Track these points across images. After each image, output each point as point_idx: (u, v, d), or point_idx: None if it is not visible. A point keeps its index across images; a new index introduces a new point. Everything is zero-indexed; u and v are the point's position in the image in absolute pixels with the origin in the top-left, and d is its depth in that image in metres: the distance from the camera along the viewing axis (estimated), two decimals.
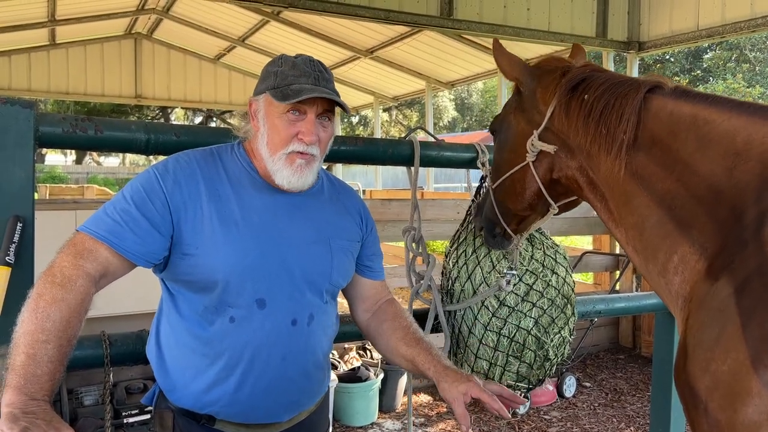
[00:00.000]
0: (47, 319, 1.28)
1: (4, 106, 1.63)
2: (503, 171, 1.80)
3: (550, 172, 1.69)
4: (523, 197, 1.77)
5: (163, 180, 1.49)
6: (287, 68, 1.53)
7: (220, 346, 1.50)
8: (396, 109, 27.70)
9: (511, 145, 1.77)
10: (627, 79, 1.55)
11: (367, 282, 1.80)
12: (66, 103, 22.68)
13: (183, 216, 1.48)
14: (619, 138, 1.46)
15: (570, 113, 1.57)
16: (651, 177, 1.43)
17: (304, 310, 1.57)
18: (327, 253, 1.61)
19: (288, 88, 1.49)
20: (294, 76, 1.51)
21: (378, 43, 10.72)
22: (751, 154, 1.27)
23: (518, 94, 1.79)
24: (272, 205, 1.57)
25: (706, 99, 1.40)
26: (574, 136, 1.57)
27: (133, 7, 11.94)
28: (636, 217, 1.48)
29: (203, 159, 1.57)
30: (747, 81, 20.27)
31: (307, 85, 1.50)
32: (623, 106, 1.46)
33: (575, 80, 1.59)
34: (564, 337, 2.07)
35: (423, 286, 2.06)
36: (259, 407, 1.55)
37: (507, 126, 1.80)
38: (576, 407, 5.10)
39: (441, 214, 5.42)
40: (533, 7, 7.57)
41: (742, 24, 6.71)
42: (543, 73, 1.71)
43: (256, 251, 1.51)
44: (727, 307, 1.20)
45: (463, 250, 2.07)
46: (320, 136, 1.55)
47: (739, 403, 1.14)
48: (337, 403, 4.56)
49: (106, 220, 1.43)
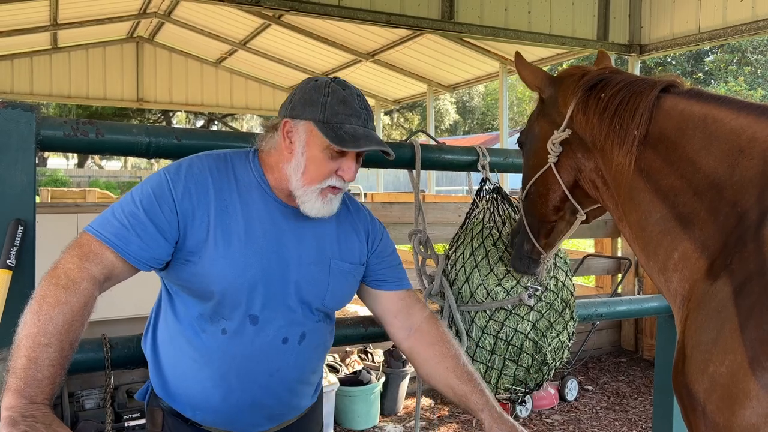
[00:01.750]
0: (50, 322, 1.27)
1: (5, 110, 1.63)
2: (529, 178, 1.81)
3: (572, 174, 1.70)
4: (548, 201, 1.77)
5: (174, 186, 1.47)
6: (335, 102, 1.48)
7: (210, 356, 1.50)
8: (397, 112, 27.71)
9: (535, 150, 1.79)
10: (643, 78, 1.57)
11: (389, 295, 1.73)
12: (68, 106, 22.72)
13: (190, 224, 1.47)
14: (631, 133, 1.47)
15: (587, 111, 1.59)
16: (656, 173, 1.44)
17: (296, 329, 1.56)
18: (325, 275, 1.59)
19: (341, 129, 1.45)
20: (345, 115, 1.47)
21: (379, 47, 10.73)
22: (754, 151, 1.27)
23: (541, 102, 1.82)
24: (279, 219, 1.55)
25: (717, 100, 1.41)
26: (590, 133, 1.59)
27: (135, 10, 11.96)
28: (640, 213, 1.48)
29: (216, 167, 1.54)
30: (749, 84, 20.26)
31: (359, 127, 1.47)
32: (637, 102, 1.48)
33: (593, 80, 1.62)
34: (563, 342, 2.06)
35: (435, 287, 2.04)
36: (244, 418, 1.56)
37: (531, 135, 1.83)
38: (578, 410, 5.09)
39: (442, 217, 5.42)
40: (534, 10, 7.58)
41: (743, 27, 6.71)
42: (563, 78, 1.75)
43: (255, 268, 1.50)
44: (725, 307, 1.20)
45: (461, 252, 2.06)
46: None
47: (737, 406, 1.13)
48: (339, 406, 4.56)
49: (114, 222, 1.42)
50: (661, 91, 1.48)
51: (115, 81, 14.10)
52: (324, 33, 10.79)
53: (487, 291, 1.97)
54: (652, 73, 21.67)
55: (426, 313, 1.75)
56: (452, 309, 1.98)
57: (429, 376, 1.69)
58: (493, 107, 29.50)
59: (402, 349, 1.76)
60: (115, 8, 11.54)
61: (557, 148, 1.68)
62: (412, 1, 7.02)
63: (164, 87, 14.64)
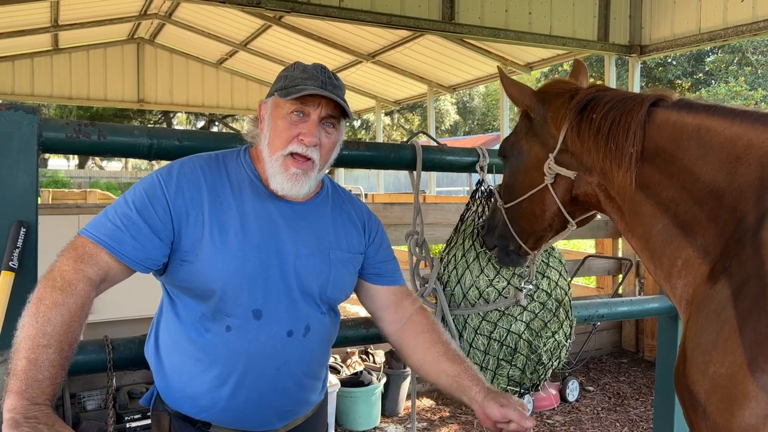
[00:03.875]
0: (48, 323, 1.27)
1: (8, 112, 1.63)
2: (519, 193, 1.81)
3: (569, 192, 1.71)
4: (543, 218, 1.78)
5: (166, 186, 1.48)
6: (298, 72, 1.54)
7: (215, 354, 1.50)
8: (398, 113, 27.72)
9: (526, 169, 1.79)
10: (631, 95, 1.58)
11: (382, 289, 1.75)
12: (69, 107, 22.73)
13: (184, 223, 1.48)
14: (627, 152, 1.49)
15: (581, 133, 1.61)
16: (656, 186, 1.46)
17: (301, 322, 1.56)
18: (325, 265, 1.60)
19: (293, 88, 1.50)
20: (302, 79, 1.52)
21: (380, 48, 10.75)
22: (750, 158, 1.29)
23: (528, 119, 1.81)
24: (274, 213, 1.56)
25: (708, 109, 1.43)
26: (587, 156, 1.61)
27: (135, 12, 11.98)
28: (644, 226, 1.51)
29: (207, 166, 1.56)
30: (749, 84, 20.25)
31: (313, 87, 1.50)
32: (629, 121, 1.50)
33: (583, 102, 1.63)
34: (559, 342, 2.05)
35: (428, 290, 2.05)
36: (253, 415, 1.55)
37: (519, 151, 1.82)
38: (579, 411, 5.09)
39: (443, 218, 5.42)
40: (535, 11, 7.58)
41: (743, 27, 6.72)
42: (552, 98, 1.74)
43: (254, 262, 1.50)
44: (724, 309, 1.21)
45: (453, 254, 2.07)
46: (322, 140, 1.54)
47: (737, 407, 1.14)
48: (340, 407, 4.56)
49: (107, 224, 1.43)
50: (651, 106, 1.50)
51: (116, 82, 14.13)
52: (324, 34, 10.81)
53: (479, 292, 1.97)
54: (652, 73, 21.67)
55: (417, 305, 1.77)
56: (444, 312, 1.99)
57: (420, 364, 1.70)
58: (494, 108, 29.50)
59: (392, 342, 1.78)
60: (115, 9, 11.56)
61: (553, 171, 1.69)
62: (412, 2, 7.02)
63: (165, 88, 14.66)
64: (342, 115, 1.57)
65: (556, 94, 1.74)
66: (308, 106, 1.51)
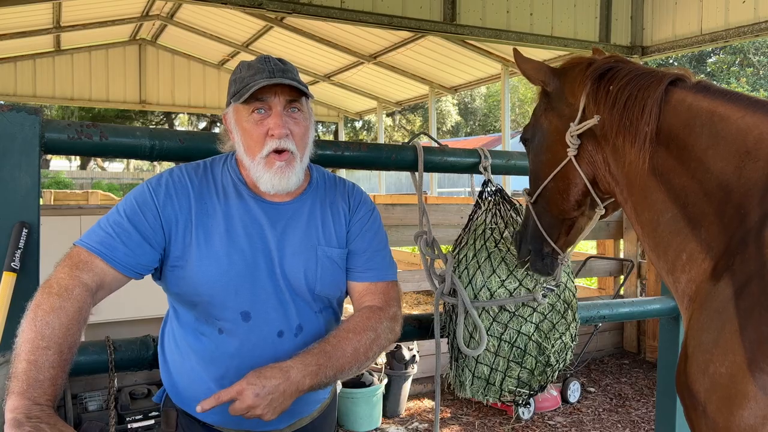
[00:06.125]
0: (46, 327, 1.30)
1: (10, 113, 1.64)
2: (544, 175, 1.74)
3: (591, 166, 1.64)
4: (569, 196, 1.70)
5: (155, 194, 1.52)
6: (244, 72, 1.55)
7: (211, 357, 1.54)
8: (399, 114, 27.74)
9: (548, 146, 1.72)
10: (650, 70, 1.53)
11: (352, 285, 1.66)
12: (71, 108, 22.77)
13: (174, 229, 1.51)
14: (642, 130, 1.44)
15: (597, 103, 1.56)
16: (669, 172, 1.42)
17: (292, 322, 1.56)
18: (312, 263, 1.59)
19: (244, 89, 1.50)
20: (250, 76, 1.52)
21: (381, 49, 10.75)
22: (760, 153, 1.26)
23: (545, 96, 1.76)
24: (259, 215, 1.57)
25: (725, 95, 1.38)
26: (601, 126, 1.55)
27: (137, 13, 12.01)
28: (652, 213, 1.47)
29: (195, 173, 1.59)
30: (751, 85, 20.25)
31: (263, 80, 1.50)
32: (645, 97, 1.45)
33: (601, 69, 1.58)
34: (565, 343, 2.06)
35: (447, 286, 2.03)
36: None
37: (539, 130, 1.76)
38: (580, 413, 5.09)
39: (444, 219, 5.42)
40: (536, 12, 7.59)
41: (745, 28, 6.71)
42: (568, 69, 1.70)
43: (239, 265, 1.52)
44: (726, 308, 1.21)
45: (464, 254, 2.06)
46: (292, 129, 1.53)
47: (736, 407, 1.14)
48: (341, 408, 4.56)
49: (100, 233, 1.47)
50: (669, 84, 1.45)
51: (118, 83, 14.16)
52: (326, 35, 10.82)
53: (490, 292, 1.97)
54: None
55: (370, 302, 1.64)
56: (467, 305, 1.94)
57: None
58: (495, 109, 29.51)
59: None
60: (117, 11, 11.59)
61: (576, 140, 1.62)
62: (414, 4, 7.03)
63: (167, 89, 14.68)
64: (302, 95, 1.56)
65: (573, 65, 1.70)
66: (266, 100, 1.52)
